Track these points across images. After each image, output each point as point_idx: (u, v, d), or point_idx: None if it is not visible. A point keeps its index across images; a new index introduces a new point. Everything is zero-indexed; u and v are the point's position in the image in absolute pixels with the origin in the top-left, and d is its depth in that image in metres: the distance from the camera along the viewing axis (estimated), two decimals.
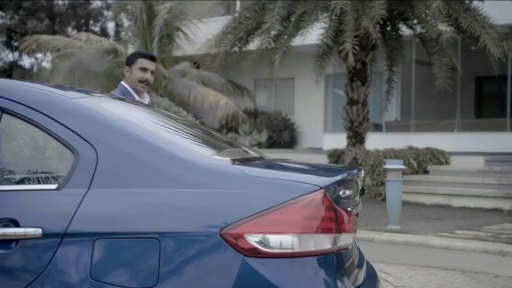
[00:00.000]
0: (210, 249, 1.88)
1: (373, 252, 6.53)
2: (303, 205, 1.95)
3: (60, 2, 25.26)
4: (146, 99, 3.86)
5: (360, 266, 2.45)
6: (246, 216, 1.90)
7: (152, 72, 3.80)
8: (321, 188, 1.98)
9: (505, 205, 10.02)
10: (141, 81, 3.75)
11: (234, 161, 2.18)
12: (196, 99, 15.82)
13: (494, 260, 6.28)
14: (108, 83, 16.39)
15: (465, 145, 13.54)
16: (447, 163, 12.26)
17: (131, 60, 3.81)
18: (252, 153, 2.73)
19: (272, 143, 17.53)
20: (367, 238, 7.17)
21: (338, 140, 13.30)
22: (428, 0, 9.62)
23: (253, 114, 18.23)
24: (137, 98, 3.73)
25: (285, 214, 1.93)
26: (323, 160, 12.91)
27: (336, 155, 13.23)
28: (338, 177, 2.17)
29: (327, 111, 17.59)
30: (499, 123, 14.36)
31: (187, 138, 2.35)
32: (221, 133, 17.09)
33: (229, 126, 17.86)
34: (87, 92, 2.38)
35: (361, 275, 2.43)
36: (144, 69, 3.75)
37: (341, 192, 2.15)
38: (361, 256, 2.60)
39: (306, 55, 12.26)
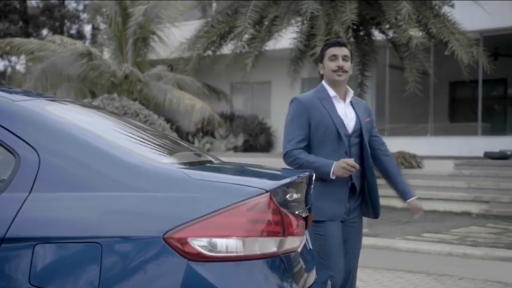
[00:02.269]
0: (153, 254, 1.86)
1: None
2: (247, 209, 1.95)
3: (34, 4, 24.98)
4: (350, 95, 3.44)
5: (310, 268, 2.46)
6: (190, 220, 1.89)
7: (345, 58, 3.38)
8: (267, 191, 1.98)
9: (474, 208, 10.16)
10: (334, 71, 3.37)
11: (181, 164, 2.18)
12: (171, 102, 15.77)
13: (458, 262, 6.37)
14: (82, 86, 16.27)
15: (438, 149, 13.72)
16: (419, 166, 12.39)
17: (321, 56, 3.50)
18: (206, 157, 2.74)
19: (248, 147, 17.53)
20: None
21: None
22: (399, 1, 9.71)
23: (229, 118, 18.22)
24: (332, 94, 3.38)
25: (229, 217, 1.93)
26: None
27: None
28: (285, 181, 2.18)
29: None
30: (471, 127, 14.57)
31: (137, 142, 2.33)
32: (183, 137, 16.95)
33: (205, 130, 17.83)
34: (33, 95, 2.36)
35: (312, 277, 2.44)
36: (334, 57, 3.38)
37: (288, 196, 2.16)
38: (312, 258, 2.62)
39: (282, 59, 12.30)
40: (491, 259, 6.47)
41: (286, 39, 10.98)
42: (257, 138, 17.64)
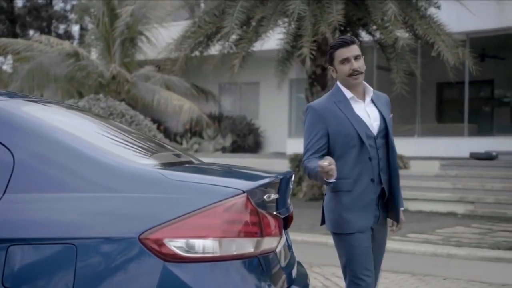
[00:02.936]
0: (129, 255, 1.86)
1: (325, 256, 6.57)
2: (224, 209, 1.95)
3: (20, 4, 24.81)
4: (370, 92, 3.17)
5: (289, 268, 2.46)
6: (166, 221, 1.89)
7: (357, 57, 3.08)
8: (244, 192, 1.98)
9: (459, 209, 10.23)
10: (350, 75, 3.09)
11: (159, 165, 2.17)
12: (159, 103, 15.74)
13: (443, 262, 6.41)
14: (69, 87, 16.18)
15: (425, 150, 13.79)
16: (405, 167, 12.44)
17: (329, 58, 3.17)
18: (186, 158, 2.73)
19: (236, 148, 17.53)
20: (320, 242, 7.22)
21: (302, 145, 13.33)
22: (385, 2, 9.75)
23: (217, 119, 18.21)
24: (349, 95, 3.11)
25: (205, 218, 1.93)
26: (284, 164, 12.96)
27: (297, 160, 13.26)
28: (263, 181, 2.18)
29: (292, 115, 17.68)
30: (457, 128, 14.66)
31: (116, 144, 2.32)
32: (169, 138, 16.84)
33: (193, 130, 17.80)
34: (12, 96, 2.34)
35: (291, 277, 2.44)
36: (345, 60, 3.08)
37: (266, 196, 2.16)
38: (292, 258, 2.62)
39: (271, 60, 12.32)
40: (474, 259, 6.51)
41: (273, 40, 10.99)
42: (245, 139, 17.64)
